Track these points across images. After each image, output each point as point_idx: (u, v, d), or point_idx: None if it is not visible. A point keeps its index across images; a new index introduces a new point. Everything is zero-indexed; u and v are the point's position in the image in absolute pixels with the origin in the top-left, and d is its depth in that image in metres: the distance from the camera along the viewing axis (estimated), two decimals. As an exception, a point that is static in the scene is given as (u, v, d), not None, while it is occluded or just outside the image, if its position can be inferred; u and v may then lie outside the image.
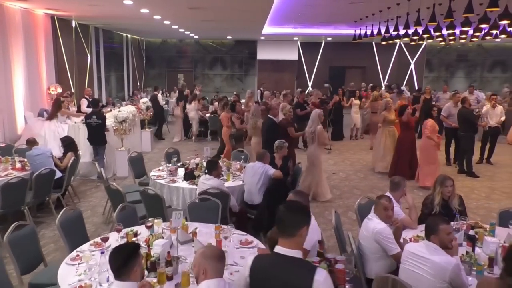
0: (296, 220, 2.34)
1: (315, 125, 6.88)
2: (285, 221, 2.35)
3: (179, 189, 5.50)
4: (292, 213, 2.38)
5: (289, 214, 2.37)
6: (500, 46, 20.82)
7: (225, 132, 8.18)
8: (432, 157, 7.74)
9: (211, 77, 21.43)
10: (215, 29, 15.24)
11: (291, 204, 2.65)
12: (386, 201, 3.62)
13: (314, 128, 6.89)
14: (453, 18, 7.28)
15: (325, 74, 21.13)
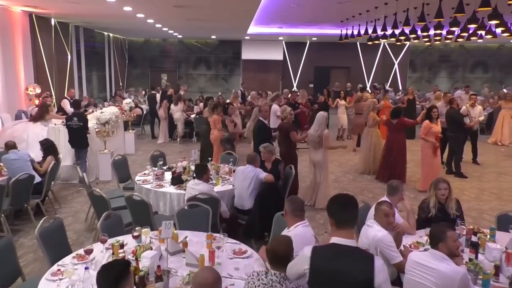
0: (355, 213, 2.56)
1: (322, 128, 6.59)
2: (348, 215, 2.51)
3: (166, 194, 5.26)
4: (352, 206, 2.56)
5: (351, 208, 2.54)
6: (481, 47, 21.11)
7: (217, 136, 7.84)
8: (432, 160, 7.62)
9: (195, 77, 21.14)
10: (200, 28, 14.99)
11: (346, 199, 2.64)
12: (387, 207, 3.47)
13: (321, 131, 6.58)
14: (443, 18, 7.24)
15: (310, 74, 21.08)
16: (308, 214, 6.41)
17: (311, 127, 6.85)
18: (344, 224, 2.49)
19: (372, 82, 20.91)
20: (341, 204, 2.55)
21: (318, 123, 6.65)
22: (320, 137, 6.56)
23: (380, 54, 21.21)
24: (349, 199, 2.61)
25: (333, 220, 2.52)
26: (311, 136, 6.67)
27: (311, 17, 12.32)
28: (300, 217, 3.42)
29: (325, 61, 20.72)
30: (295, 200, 3.53)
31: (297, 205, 3.46)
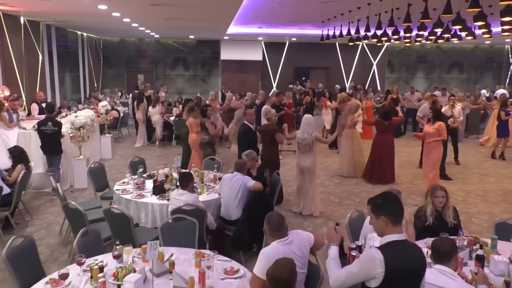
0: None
1: (312, 130, 6.36)
2: (402, 211, 2.61)
3: (148, 205, 4.93)
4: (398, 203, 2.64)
5: (401, 203, 2.65)
6: (457, 48, 21.44)
7: (195, 139, 7.55)
8: (436, 163, 7.50)
9: (173, 78, 20.68)
10: (178, 28, 14.61)
11: (396, 196, 2.75)
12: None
13: (310, 135, 6.33)
14: (430, 18, 7.17)
15: (289, 75, 20.94)
16: (296, 221, 6.22)
17: (300, 130, 6.53)
18: (400, 221, 2.56)
19: (352, 82, 20.93)
20: (396, 201, 2.61)
21: (309, 125, 6.38)
22: (313, 140, 6.32)
23: (358, 54, 21.26)
24: (396, 196, 2.74)
25: (389, 219, 2.52)
26: (302, 140, 6.36)
27: (293, 17, 12.14)
28: (278, 236, 3.10)
29: (305, 61, 20.64)
30: (271, 219, 3.17)
31: (273, 224, 3.13)
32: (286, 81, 20.69)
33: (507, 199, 7.33)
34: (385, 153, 8.10)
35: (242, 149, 6.14)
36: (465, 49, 21.85)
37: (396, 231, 2.52)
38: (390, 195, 2.70)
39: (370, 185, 8.13)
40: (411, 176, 8.78)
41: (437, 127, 7.32)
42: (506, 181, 8.47)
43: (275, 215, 3.24)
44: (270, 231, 3.15)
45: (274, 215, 3.23)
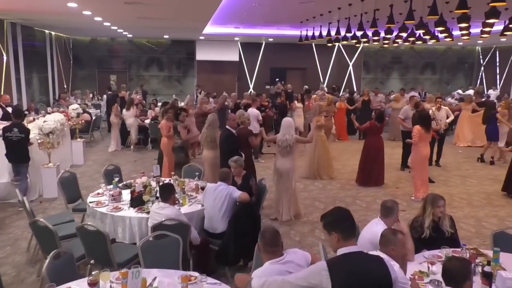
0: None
1: (293, 132, 6.16)
2: (354, 226, 2.61)
3: (125, 219, 4.56)
4: (351, 216, 2.61)
5: (352, 218, 2.60)
6: (430, 49, 21.75)
7: (166, 143, 7.21)
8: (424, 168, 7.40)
9: (147, 79, 20.10)
10: (152, 27, 14.12)
11: (346, 211, 2.67)
12: (400, 234, 3.04)
13: (290, 136, 6.12)
14: (413, 20, 7.07)
15: (266, 76, 20.72)
16: (282, 230, 5.95)
17: (281, 132, 6.32)
18: (352, 236, 2.54)
19: (328, 83, 20.90)
20: (347, 217, 2.58)
21: (289, 128, 6.19)
22: (293, 142, 6.12)
23: (335, 55, 21.26)
24: (347, 211, 2.65)
25: (340, 235, 2.49)
26: (282, 142, 6.16)
27: (271, 17, 11.90)
28: (273, 253, 2.86)
29: (281, 62, 20.45)
30: (265, 234, 2.93)
31: (267, 239, 2.89)
32: (263, 82, 20.47)
33: (491, 202, 7.30)
34: (378, 156, 8.01)
35: (225, 156, 5.85)
36: (438, 50, 22.20)
37: (349, 245, 2.49)
38: (341, 211, 2.68)
39: (355, 189, 7.98)
40: (394, 179, 8.68)
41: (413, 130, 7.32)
42: (487, 183, 8.48)
43: (270, 229, 2.98)
44: (264, 247, 2.88)
45: (268, 230, 2.97)
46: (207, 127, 6.78)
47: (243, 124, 6.77)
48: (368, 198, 7.44)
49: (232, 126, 6.40)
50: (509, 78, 20.24)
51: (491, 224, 6.22)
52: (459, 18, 6.87)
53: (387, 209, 3.73)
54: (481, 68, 22.20)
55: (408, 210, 6.83)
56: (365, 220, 6.34)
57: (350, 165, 9.74)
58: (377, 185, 8.00)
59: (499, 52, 20.90)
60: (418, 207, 6.96)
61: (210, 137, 6.75)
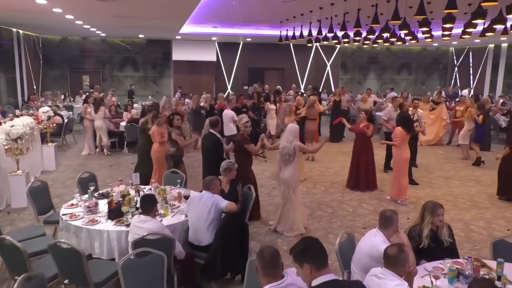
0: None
1: (293, 138, 5.76)
2: (325, 254, 2.57)
3: (102, 233, 4.20)
4: (320, 244, 2.62)
5: (321, 246, 2.61)
6: (405, 49, 21.99)
7: (157, 150, 6.66)
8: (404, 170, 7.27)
9: (122, 79, 19.51)
10: (126, 26, 13.64)
11: (313, 241, 2.64)
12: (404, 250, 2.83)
13: (293, 145, 5.72)
14: (399, 20, 6.98)
15: (244, 76, 20.47)
16: (269, 238, 5.72)
17: (283, 138, 5.94)
18: (324, 264, 2.52)
19: (306, 83, 20.84)
20: (317, 245, 2.56)
21: (292, 134, 5.78)
22: (295, 149, 5.75)
23: (312, 56, 21.21)
24: (316, 239, 2.63)
25: (312, 265, 2.47)
26: (284, 148, 5.77)
27: (251, 16, 11.67)
28: (273, 276, 2.59)
29: (259, 62, 20.25)
30: (264, 254, 2.63)
31: (266, 260, 2.60)
32: (241, 82, 20.22)
33: (475, 204, 7.26)
34: (370, 159, 7.84)
35: (210, 163, 5.55)
36: (413, 51, 22.48)
37: (323, 274, 2.46)
38: (308, 240, 2.64)
39: (340, 192, 7.81)
40: (378, 182, 8.51)
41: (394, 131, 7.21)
42: (469, 184, 8.47)
43: (269, 249, 2.69)
44: (262, 269, 2.62)
45: (267, 250, 2.68)
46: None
47: (241, 130, 6.32)
48: (354, 202, 7.28)
49: (219, 130, 6.10)
50: (482, 78, 20.66)
51: (479, 228, 6.16)
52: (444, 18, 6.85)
53: (386, 220, 3.53)
54: (455, 69, 22.60)
55: (396, 214, 6.68)
56: (353, 226, 6.19)
57: (332, 168, 9.60)
58: (371, 189, 7.77)
59: (472, 52, 21.31)
60: (406, 210, 6.94)
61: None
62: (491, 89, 20.02)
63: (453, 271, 3.17)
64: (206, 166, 5.94)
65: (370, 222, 6.34)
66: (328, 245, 5.46)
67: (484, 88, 20.34)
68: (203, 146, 6.22)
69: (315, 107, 9.87)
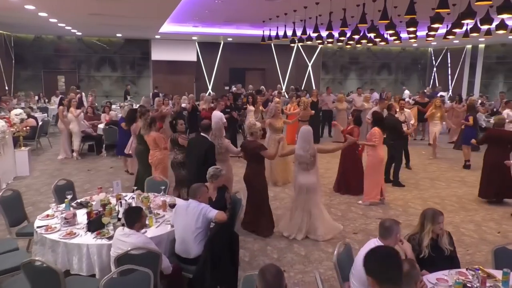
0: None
1: (312, 145, 5.53)
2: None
3: (81, 247, 3.89)
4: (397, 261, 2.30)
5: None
6: (385, 50, 22.13)
7: (159, 158, 6.23)
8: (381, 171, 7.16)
9: (99, 80, 18.94)
10: (104, 25, 13.19)
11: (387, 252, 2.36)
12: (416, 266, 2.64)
13: (312, 149, 5.47)
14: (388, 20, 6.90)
15: (225, 76, 20.19)
16: (258, 246, 5.49)
17: (298, 145, 5.59)
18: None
19: (287, 84, 20.70)
20: (397, 264, 2.25)
21: (306, 140, 5.49)
22: (313, 156, 5.48)
23: (294, 56, 21.11)
24: (390, 252, 2.34)
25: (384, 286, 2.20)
26: (300, 157, 5.49)
27: (233, 15, 11.42)
28: None
29: (240, 62, 20.02)
30: (266, 274, 2.37)
31: (269, 281, 2.35)
32: (222, 82, 19.92)
33: (463, 206, 7.21)
34: (358, 162, 7.69)
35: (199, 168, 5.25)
36: (393, 51, 22.64)
37: None
38: (390, 256, 2.31)
39: (327, 196, 7.63)
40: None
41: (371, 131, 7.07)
42: (455, 185, 8.44)
43: (271, 269, 2.41)
44: None
45: (269, 270, 2.41)
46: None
47: (252, 136, 5.88)
48: (342, 206, 7.12)
49: (209, 134, 5.82)
50: (460, 79, 20.97)
51: (470, 231, 6.08)
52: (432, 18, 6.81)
53: (385, 230, 3.37)
54: (434, 69, 22.88)
55: (386, 218, 6.54)
56: (343, 231, 6.01)
57: (318, 170, 9.45)
58: (359, 194, 7.51)
59: (450, 53, 21.61)
60: (396, 214, 6.78)
61: (217, 147, 5.92)
62: (469, 89, 20.35)
63: (459, 284, 3.02)
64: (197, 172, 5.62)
65: (361, 226, 6.20)
66: (320, 253, 5.30)
67: (462, 88, 20.64)
68: (193, 151, 5.83)
69: (308, 109, 9.75)
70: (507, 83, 18.92)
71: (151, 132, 6.27)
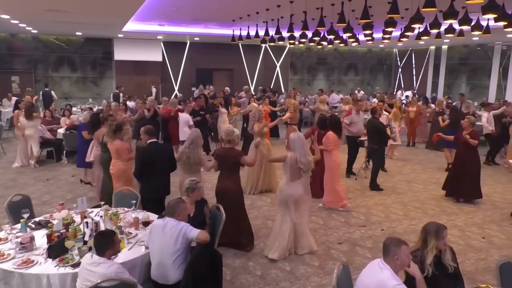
0: None
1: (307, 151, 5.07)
2: None
3: (41, 277, 3.35)
4: None
5: None
6: (352, 50, 22.24)
7: (122, 169, 5.72)
8: (336, 176, 6.90)
9: (58, 81, 17.88)
10: (62, 22, 12.36)
11: None
12: None
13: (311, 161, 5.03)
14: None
15: (192, 77, 19.61)
16: (239, 262, 5.09)
17: (298, 152, 5.00)
18: None
19: (256, 84, 20.37)
20: None
21: (300, 146, 5.01)
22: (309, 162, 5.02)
23: (262, 56, 20.82)
24: None
25: None
26: (304, 165, 4.97)
27: (202, 13, 10.96)
28: None
29: (208, 62, 19.51)
30: None
31: None
32: (188, 83, 19.33)
33: (444, 210, 7.09)
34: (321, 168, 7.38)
35: (163, 176, 4.78)
36: (360, 52, 22.80)
37: None
38: None
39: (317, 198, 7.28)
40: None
41: (326, 136, 6.84)
42: (432, 188, 8.35)
43: None
44: None
45: None
46: (189, 146, 5.41)
47: (230, 144, 5.41)
48: (323, 213, 6.82)
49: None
50: (424, 79, 21.38)
51: (455, 237, 5.93)
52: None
53: (384, 248, 3.07)
54: (399, 70, 23.23)
55: (369, 225, 6.33)
56: (327, 241, 5.70)
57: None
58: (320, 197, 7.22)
59: (415, 54, 22.00)
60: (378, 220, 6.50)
61: (192, 158, 5.40)
62: (433, 90, 20.79)
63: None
64: (158, 181, 5.11)
65: (344, 236, 5.91)
66: (306, 268, 4.96)
67: (427, 88, 21.06)
68: (153, 157, 5.27)
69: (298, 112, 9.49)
70: (470, 84, 19.43)
71: (114, 140, 5.69)
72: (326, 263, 5.04)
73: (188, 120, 9.23)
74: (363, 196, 7.72)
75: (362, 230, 6.12)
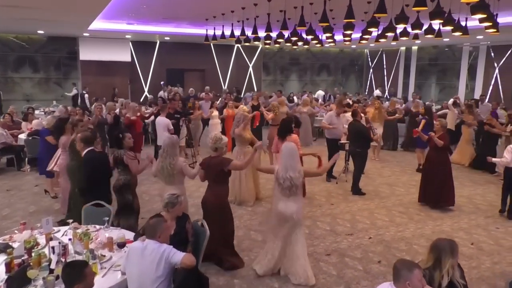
0: None
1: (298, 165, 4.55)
2: None
3: (-1, 316, 2.88)
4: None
5: None
6: (324, 51, 22.20)
7: None
8: None
9: (18, 82, 16.89)
10: (21, 19, 11.57)
11: None
12: None
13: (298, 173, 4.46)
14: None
15: (162, 77, 18.98)
16: (223, 280, 4.70)
17: (282, 165, 4.52)
18: None
19: (228, 85, 19.97)
20: None
21: (292, 158, 4.49)
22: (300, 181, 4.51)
23: (234, 56, 20.46)
24: None
25: None
26: (284, 180, 4.44)
27: (173, 12, 10.46)
28: None
29: (178, 63, 18.98)
30: None
31: None
32: (159, 84, 18.68)
33: (429, 215, 6.93)
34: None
35: (99, 186, 4.37)
36: (332, 52, 22.80)
37: None
38: None
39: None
40: (324, 193, 7.97)
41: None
42: (414, 191, 8.18)
43: None
44: None
45: None
46: (161, 155, 4.94)
47: (217, 151, 4.93)
48: (307, 221, 6.50)
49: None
50: (395, 79, 21.59)
51: (444, 243, 5.75)
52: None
53: (394, 272, 2.77)
54: (370, 70, 23.39)
55: (356, 233, 6.08)
56: (315, 253, 5.40)
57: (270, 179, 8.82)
58: None
59: (386, 54, 22.20)
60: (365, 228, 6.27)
61: (165, 169, 4.88)
62: (404, 90, 21.00)
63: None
64: (94, 192, 4.67)
65: (332, 246, 5.63)
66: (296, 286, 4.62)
67: (398, 88, 21.27)
68: (90, 167, 4.82)
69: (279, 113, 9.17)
70: (439, 84, 19.75)
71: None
72: (316, 278, 4.72)
73: (168, 124, 8.51)
74: (346, 201, 7.49)
75: (349, 238, 5.87)
